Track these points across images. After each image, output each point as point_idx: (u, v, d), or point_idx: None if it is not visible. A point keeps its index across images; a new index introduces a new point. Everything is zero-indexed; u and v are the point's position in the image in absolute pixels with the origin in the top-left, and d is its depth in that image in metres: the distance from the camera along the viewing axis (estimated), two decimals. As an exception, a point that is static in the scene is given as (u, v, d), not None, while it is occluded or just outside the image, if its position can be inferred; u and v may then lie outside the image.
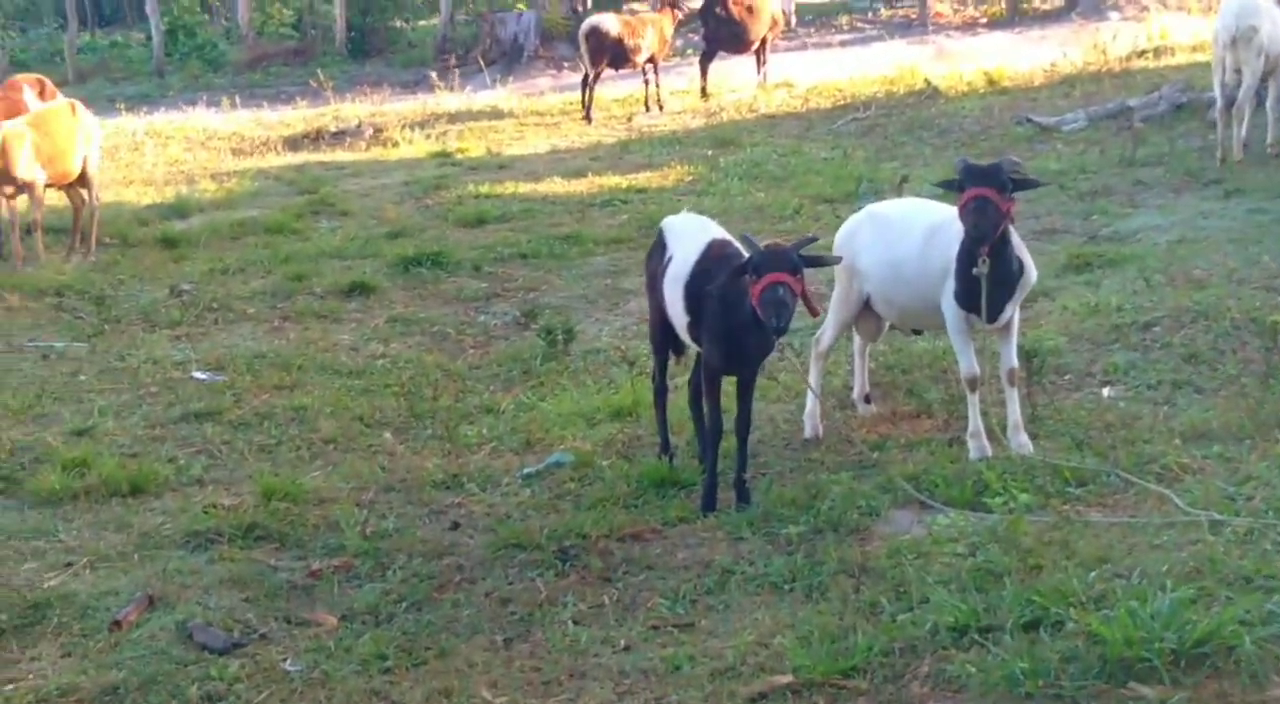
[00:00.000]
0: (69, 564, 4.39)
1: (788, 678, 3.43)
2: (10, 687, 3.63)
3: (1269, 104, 8.80)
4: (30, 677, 3.67)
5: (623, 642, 3.67)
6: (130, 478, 5.02)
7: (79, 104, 9.12)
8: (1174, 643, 3.15)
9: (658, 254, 4.69)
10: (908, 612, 3.63)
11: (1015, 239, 4.47)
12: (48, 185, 8.56)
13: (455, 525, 4.70)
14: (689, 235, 4.54)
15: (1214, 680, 3.11)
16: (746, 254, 4.11)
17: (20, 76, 10.68)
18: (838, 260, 4.64)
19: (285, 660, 3.73)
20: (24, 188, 8.30)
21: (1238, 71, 8.48)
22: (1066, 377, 5.53)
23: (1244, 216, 7.68)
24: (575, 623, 3.80)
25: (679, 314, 4.45)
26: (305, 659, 3.72)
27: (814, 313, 4.41)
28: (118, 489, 4.98)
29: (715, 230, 4.56)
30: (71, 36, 20.16)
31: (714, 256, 4.29)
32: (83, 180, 8.74)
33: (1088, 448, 4.64)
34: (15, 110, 8.82)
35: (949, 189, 4.58)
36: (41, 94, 9.62)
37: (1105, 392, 5.00)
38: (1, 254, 8.63)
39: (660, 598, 3.92)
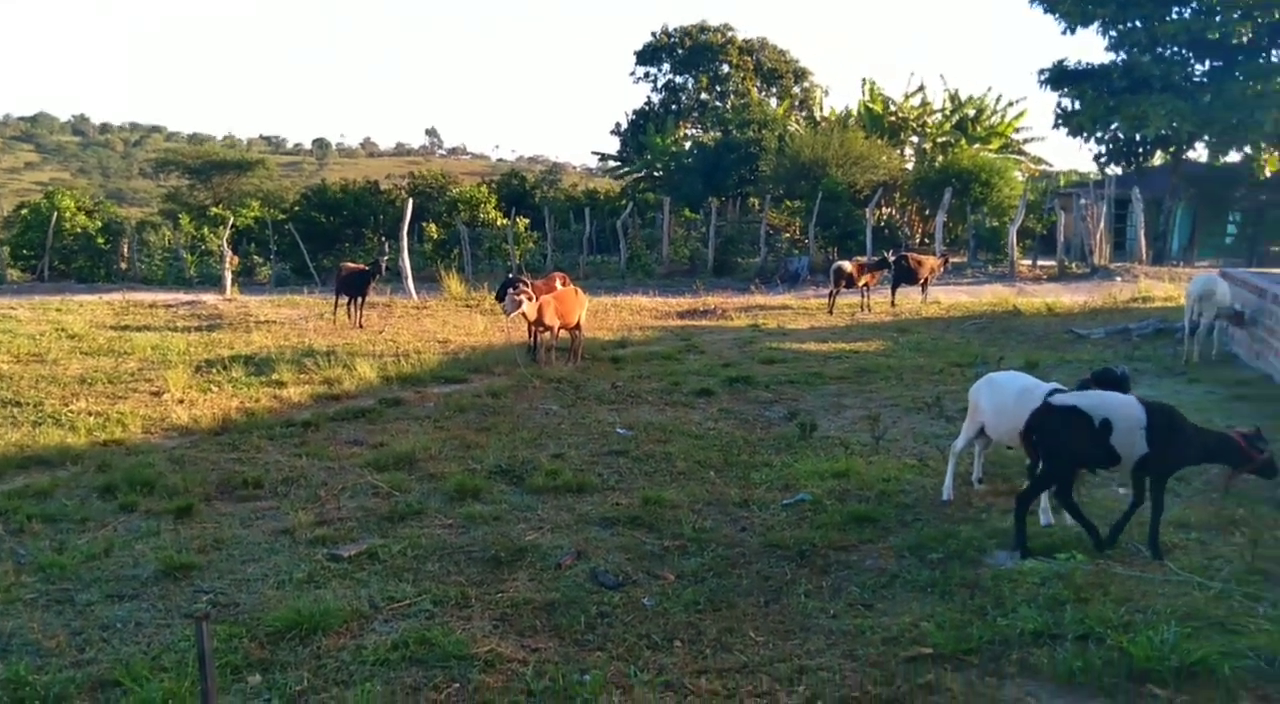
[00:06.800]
0: (540, 527, 6.99)
1: (929, 649, 4.93)
2: (500, 593, 5.78)
3: (1202, 334, 13.61)
4: (510, 590, 5.84)
5: (831, 611, 5.50)
6: (578, 483, 7.97)
7: (579, 289, 15.28)
8: (1177, 662, 4.61)
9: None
10: (1004, 617, 5.24)
11: None
12: (560, 328, 14.26)
13: (743, 529, 6.97)
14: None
15: (1203, 690, 4.49)
16: None
17: (556, 273, 18.30)
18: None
19: (644, 597, 5.69)
20: (548, 329, 14.08)
21: (1200, 314, 13.47)
22: (1096, 479, 7.64)
23: (1202, 395, 11.25)
24: (805, 596, 5.71)
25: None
26: (655, 598, 5.67)
27: None
28: (571, 488, 7.87)
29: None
30: (583, 255, 33.93)
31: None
32: (577, 327, 14.54)
33: (1111, 525, 6.41)
34: (551, 289, 15.03)
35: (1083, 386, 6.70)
36: (564, 283, 16.11)
37: (1120, 490, 6.65)
38: (537, 360, 14.21)
39: (855, 587, 5.83)
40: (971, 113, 42.26)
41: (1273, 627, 5.01)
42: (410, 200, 29.85)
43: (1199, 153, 37.08)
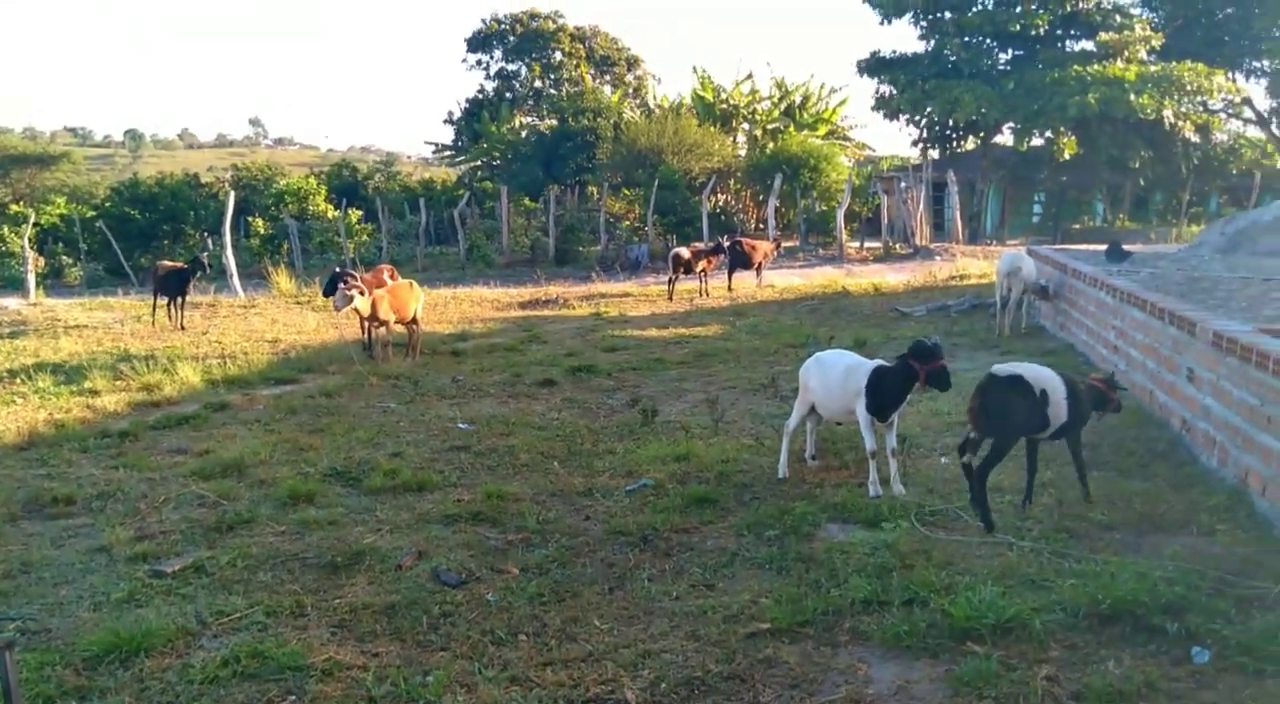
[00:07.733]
0: (379, 529, 6.80)
1: (767, 624, 5.10)
2: (338, 600, 5.56)
3: (1012, 308, 14.40)
4: (348, 595, 5.69)
5: (674, 593, 5.56)
6: (418, 481, 7.78)
7: (414, 282, 14.60)
8: (993, 619, 4.89)
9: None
10: (837, 588, 5.46)
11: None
12: (396, 322, 13.73)
13: (587, 518, 6.98)
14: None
15: (1017, 644, 4.79)
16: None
17: (384, 265, 18.16)
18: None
19: (488, 594, 5.61)
20: (384, 324, 13.59)
21: (1009, 290, 14.23)
22: (920, 450, 8.10)
23: (1014, 365, 11.16)
24: (649, 581, 5.76)
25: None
26: (499, 593, 5.60)
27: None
28: (411, 487, 7.68)
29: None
30: (420, 247, 32.95)
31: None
32: (414, 321, 14.05)
33: (935, 494, 6.86)
34: (380, 283, 14.49)
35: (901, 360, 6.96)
36: (393, 276, 15.53)
37: (942, 459, 7.03)
38: (373, 356, 13.70)
39: (696, 568, 5.93)
40: (798, 100, 43.56)
41: (1077, 581, 5.35)
42: (233, 193, 28.55)
43: (1006, 137, 39.46)
